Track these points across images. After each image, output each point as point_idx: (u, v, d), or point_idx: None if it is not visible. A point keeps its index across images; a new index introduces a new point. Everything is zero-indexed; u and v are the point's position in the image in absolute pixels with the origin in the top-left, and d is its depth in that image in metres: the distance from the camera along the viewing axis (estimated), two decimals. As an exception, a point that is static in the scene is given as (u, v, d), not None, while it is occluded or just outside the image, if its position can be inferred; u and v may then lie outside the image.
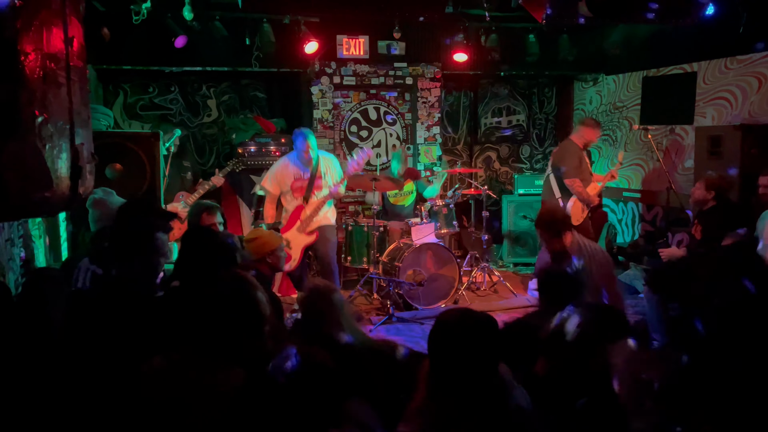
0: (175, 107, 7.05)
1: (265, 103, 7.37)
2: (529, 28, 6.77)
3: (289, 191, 5.44)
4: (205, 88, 7.12)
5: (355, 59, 6.73)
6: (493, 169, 8.29)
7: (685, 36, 5.98)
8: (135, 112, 6.90)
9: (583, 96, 8.14)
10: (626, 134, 7.41)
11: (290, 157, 5.55)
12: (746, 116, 5.80)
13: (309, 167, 5.42)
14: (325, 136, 6.83)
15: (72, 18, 1.76)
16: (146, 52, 6.03)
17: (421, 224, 5.90)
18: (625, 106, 7.42)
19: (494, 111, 8.22)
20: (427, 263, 5.79)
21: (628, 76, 7.35)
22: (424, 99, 7.09)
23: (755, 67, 5.73)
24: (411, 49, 6.86)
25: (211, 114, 7.19)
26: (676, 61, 6.58)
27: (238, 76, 7.08)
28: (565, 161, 5.74)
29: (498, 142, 8.27)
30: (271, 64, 6.48)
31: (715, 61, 6.15)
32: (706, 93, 6.28)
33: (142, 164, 4.50)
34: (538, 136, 8.40)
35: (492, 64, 7.10)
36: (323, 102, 6.77)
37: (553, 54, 7.05)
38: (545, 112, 8.44)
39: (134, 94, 6.90)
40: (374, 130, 7.17)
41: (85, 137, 1.87)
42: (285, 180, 5.45)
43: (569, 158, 5.74)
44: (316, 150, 5.46)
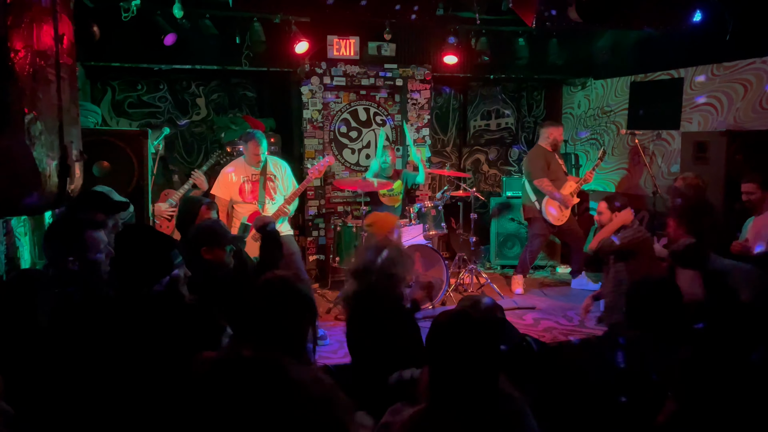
0: (163, 105, 7.00)
1: (254, 102, 7.35)
2: (518, 32, 6.81)
3: (239, 198, 5.16)
4: (194, 86, 7.08)
5: (345, 60, 6.72)
6: (482, 172, 8.33)
7: (673, 42, 6.05)
8: (123, 110, 6.84)
9: (572, 100, 8.20)
10: (613, 138, 7.47)
11: (238, 160, 5.31)
12: (732, 122, 5.88)
13: (258, 169, 5.18)
14: (314, 136, 6.81)
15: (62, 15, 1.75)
16: (135, 49, 5.97)
17: (409, 226, 5.91)
18: (612, 111, 7.48)
19: (483, 114, 8.26)
20: (415, 264, 5.80)
21: (616, 81, 7.41)
22: (413, 100, 7.11)
23: (741, 74, 5.81)
24: (401, 51, 6.87)
25: (200, 112, 7.15)
26: (663, 67, 6.65)
27: (228, 75, 7.05)
28: (531, 164, 6.22)
29: (487, 145, 8.31)
30: (261, 63, 6.45)
31: (701, 68, 6.22)
32: (692, 99, 6.35)
33: (130, 162, 4.47)
34: (526, 139, 8.44)
35: (482, 67, 7.13)
36: (313, 102, 6.76)
37: (543, 58, 7.10)
38: (534, 116, 8.49)
39: (122, 92, 6.84)
40: (364, 130, 7.18)
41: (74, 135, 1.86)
42: (234, 182, 5.17)
43: (534, 161, 6.21)
44: (265, 155, 5.22)
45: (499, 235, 7.46)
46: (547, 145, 6.29)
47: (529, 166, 6.24)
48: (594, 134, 7.79)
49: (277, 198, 5.25)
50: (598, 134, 7.71)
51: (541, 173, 6.08)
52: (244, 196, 5.16)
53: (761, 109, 5.62)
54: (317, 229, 6.91)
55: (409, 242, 5.76)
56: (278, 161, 5.43)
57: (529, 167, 6.22)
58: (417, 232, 5.91)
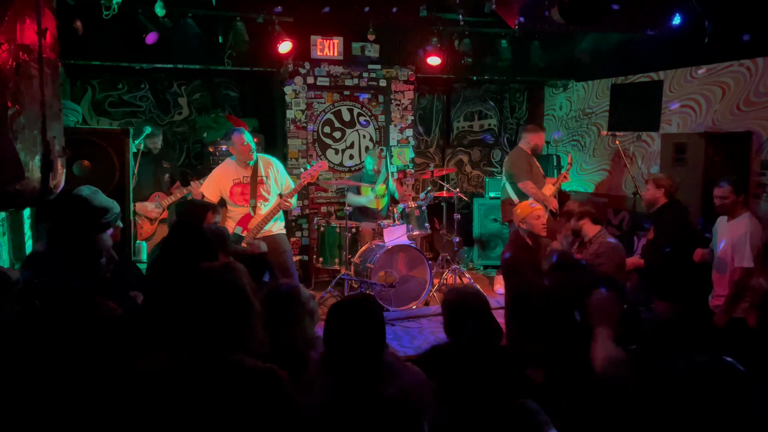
0: (144, 104, 6.94)
1: (237, 102, 7.31)
2: (501, 34, 6.86)
3: (229, 199, 5.00)
4: (176, 85, 7.03)
5: (329, 60, 6.72)
6: (465, 173, 8.37)
7: (652, 45, 6.13)
8: (103, 109, 6.77)
9: (554, 102, 8.28)
10: (594, 140, 7.56)
11: (229, 161, 5.17)
12: (710, 124, 5.98)
13: (249, 169, 5.05)
14: (297, 136, 6.80)
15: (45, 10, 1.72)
16: (116, 47, 5.90)
17: (393, 226, 5.92)
18: (594, 113, 7.56)
19: (466, 115, 8.30)
20: (398, 265, 5.81)
21: (597, 83, 7.50)
22: (397, 101, 7.12)
23: (719, 77, 5.91)
24: (385, 52, 6.89)
25: (182, 112, 7.10)
26: (643, 70, 6.75)
27: (210, 75, 7.01)
28: (515, 167, 6.19)
29: (470, 146, 8.36)
30: (244, 62, 6.42)
31: (680, 70, 6.32)
32: (671, 101, 6.45)
33: (111, 161, 4.41)
34: (509, 140, 8.51)
35: (465, 69, 7.17)
36: (296, 102, 6.74)
37: (525, 60, 7.16)
38: (516, 117, 8.56)
39: (103, 91, 6.76)
40: (347, 131, 7.18)
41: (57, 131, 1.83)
42: (224, 184, 5.02)
43: (518, 163, 6.19)
44: (254, 144, 5.08)
45: (480, 236, 7.51)
46: (527, 148, 6.29)
47: (512, 168, 6.24)
48: (575, 136, 7.87)
49: (271, 198, 5.12)
50: (580, 136, 7.79)
51: (526, 176, 6.09)
52: (236, 198, 5.00)
53: (739, 112, 5.73)
54: (300, 229, 6.89)
55: (393, 242, 5.77)
56: (269, 159, 5.26)
57: (513, 169, 6.22)
58: (401, 232, 5.92)
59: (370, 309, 2.14)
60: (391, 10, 5.97)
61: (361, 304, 2.17)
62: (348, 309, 2.18)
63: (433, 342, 5.07)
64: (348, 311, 2.16)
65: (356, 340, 2.09)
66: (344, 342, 2.11)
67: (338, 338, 2.13)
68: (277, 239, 5.08)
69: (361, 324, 2.11)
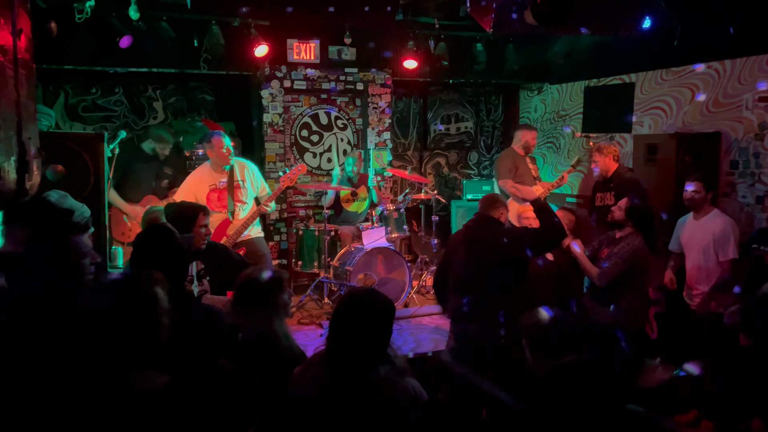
0: (119, 109, 6.86)
1: (213, 106, 7.27)
2: (476, 37, 6.94)
3: (206, 205, 4.77)
4: (150, 89, 6.97)
5: (305, 63, 6.72)
6: (442, 175, 8.43)
7: (624, 48, 6.25)
8: (77, 114, 6.68)
9: (529, 104, 8.38)
10: (569, 142, 7.67)
11: (203, 167, 5.12)
12: (680, 125, 6.11)
13: (225, 174, 5.01)
14: (275, 140, 6.78)
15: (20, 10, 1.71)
16: (89, 51, 5.83)
17: (372, 228, 5.95)
18: (568, 115, 7.68)
19: (443, 118, 8.37)
20: (377, 267, 5.83)
21: (570, 86, 7.62)
22: (374, 105, 7.15)
23: (689, 79, 6.05)
24: (362, 55, 6.91)
25: (157, 116, 7.03)
26: (616, 72, 6.87)
27: (186, 78, 6.96)
28: (499, 165, 6.27)
29: (447, 149, 8.42)
30: (220, 66, 6.39)
31: (651, 73, 6.45)
32: (643, 103, 6.58)
33: (85, 166, 4.35)
34: (485, 142, 8.59)
35: (441, 72, 7.23)
36: (273, 106, 6.73)
37: (500, 63, 7.24)
38: (492, 120, 8.65)
39: (76, 95, 6.68)
40: (325, 134, 7.18)
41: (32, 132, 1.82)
42: (200, 191, 4.96)
43: (502, 162, 6.26)
44: (232, 148, 5.04)
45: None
46: (519, 148, 6.28)
47: (497, 166, 6.35)
48: (550, 138, 7.98)
49: (248, 202, 5.10)
50: (554, 138, 7.90)
51: (507, 175, 6.11)
52: (212, 204, 4.93)
53: (708, 113, 5.87)
54: (279, 233, 6.87)
55: (372, 245, 5.79)
56: (245, 163, 5.24)
57: (497, 167, 6.33)
58: (379, 234, 5.94)
59: (383, 302, 2.19)
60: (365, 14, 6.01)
61: (376, 297, 2.21)
62: (362, 299, 2.20)
63: (413, 344, 5.10)
64: (362, 301, 2.19)
65: (362, 329, 2.10)
66: (350, 330, 2.11)
67: (344, 326, 2.14)
68: (255, 243, 5.06)
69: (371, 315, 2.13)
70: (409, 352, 4.90)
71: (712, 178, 5.49)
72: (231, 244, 4.89)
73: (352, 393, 2.03)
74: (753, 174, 5.49)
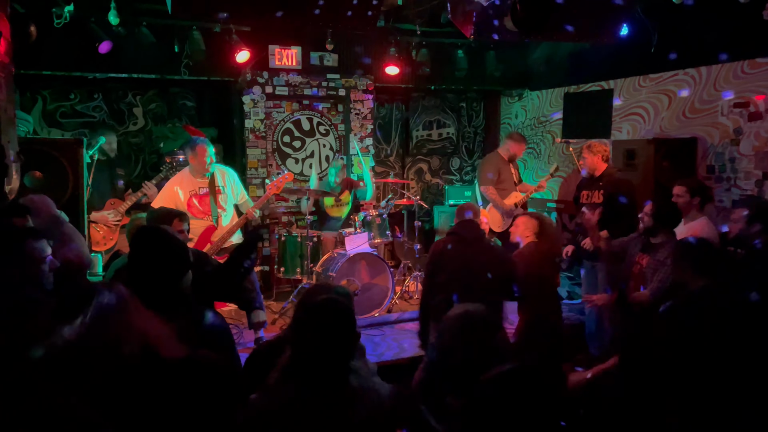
0: (98, 115, 6.78)
1: (194, 112, 7.22)
2: (458, 44, 7.00)
3: (187, 212, 4.66)
4: (130, 95, 6.90)
5: (287, 69, 6.72)
6: (425, 181, 8.46)
7: (602, 55, 6.34)
8: (55, 120, 6.59)
9: (510, 110, 8.46)
10: (549, 147, 7.75)
11: (183, 173, 5.05)
12: (658, 131, 6.21)
13: (205, 180, 4.95)
14: (257, 146, 6.76)
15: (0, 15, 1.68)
16: (68, 57, 5.76)
17: (354, 234, 5.94)
18: (548, 121, 7.76)
19: (425, 124, 8.41)
20: (360, 273, 5.82)
21: (550, 92, 7.70)
22: (356, 110, 7.17)
23: (665, 85, 6.16)
24: (344, 61, 6.92)
25: (137, 122, 6.96)
26: (595, 79, 6.97)
27: (167, 84, 6.90)
28: (482, 171, 6.32)
29: (429, 154, 8.46)
30: (201, 72, 6.36)
31: (629, 79, 6.55)
32: (621, 109, 6.68)
33: (64, 172, 4.31)
34: (467, 148, 8.65)
35: (423, 78, 7.27)
36: (255, 111, 6.71)
37: (481, 69, 7.31)
38: (474, 126, 8.71)
39: (54, 101, 6.59)
40: (307, 140, 7.17)
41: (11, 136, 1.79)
42: (179, 198, 4.89)
43: (486, 168, 6.30)
44: (215, 159, 4.98)
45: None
46: (504, 153, 6.35)
47: (480, 171, 6.39)
48: (531, 143, 8.05)
49: (228, 209, 5.05)
50: (535, 143, 7.98)
51: (489, 182, 6.18)
52: (194, 211, 4.87)
53: (684, 118, 5.97)
54: (261, 239, 6.83)
55: (355, 250, 5.78)
56: (225, 170, 5.20)
57: (480, 173, 6.37)
58: (362, 240, 5.94)
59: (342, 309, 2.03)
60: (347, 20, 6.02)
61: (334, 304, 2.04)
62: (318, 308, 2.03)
63: (397, 349, 5.10)
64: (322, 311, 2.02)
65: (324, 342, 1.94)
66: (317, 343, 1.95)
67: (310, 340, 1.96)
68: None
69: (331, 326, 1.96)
70: (393, 357, 4.90)
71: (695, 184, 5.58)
72: (215, 251, 4.85)
73: (328, 407, 1.91)
74: (729, 178, 5.60)
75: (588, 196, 5.35)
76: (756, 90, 5.35)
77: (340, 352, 1.97)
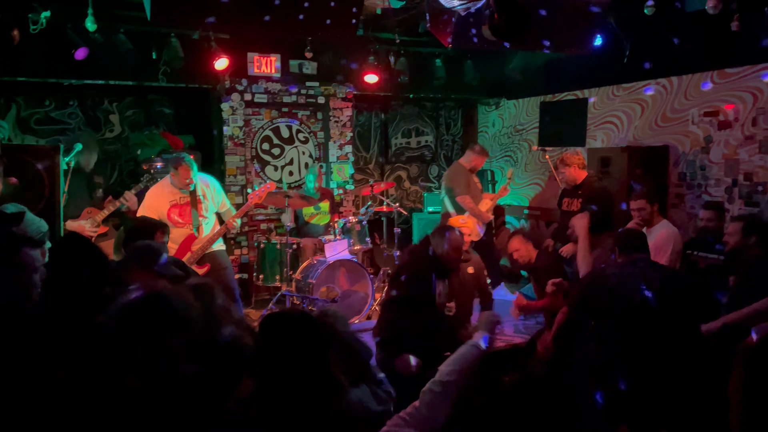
0: (74, 122, 6.70)
1: (172, 119, 7.18)
2: (436, 53, 7.08)
3: (168, 221, 4.71)
4: (107, 102, 6.83)
5: (266, 77, 6.72)
6: (404, 188, 8.51)
7: (577, 65, 6.48)
8: (29, 127, 6.49)
9: (487, 119, 8.56)
10: (526, 155, 7.86)
11: (163, 182, 5.02)
12: (631, 139, 6.35)
13: (185, 192, 4.92)
14: (236, 153, 6.74)
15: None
16: (43, 63, 5.68)
17: (334, 241, 5.95)
18: (524, 129, 7.88)
19: (404, 132, 8.47)
20: (340, 280, 5.83)
21: (527, 101, 7.83)
22: (336, 118, 7.19)
23: (638, 94, 6.30)
24: (323, 69, 6.96)
25: (113, 129, 6.90)
26: (570, 88, 7.10)
27: (144, 91, 6.86)
28: (454, 182, 6.29)
29: (408, 162, 8.52)
30: (179, 79, 6.33)
31: (603, 88, 6.69)
32: (596, 117, 6.81)
33: (40, 179, 4.25)
34: (445, 156, 8.73)
35: (401, 87, 7.33)
36: (234, 119, 6.69)
37: (459, 78, 7.39)
38: (452, 134, 8.79)
39: (28, 108, 6.49)
40: (286, 148, 7.18)
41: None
42: (161, 207, 4.84)
43: (458, 178, 6.30)
44: (197, 178, 4.95)
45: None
46: (467, 164, 6.40)
47: (451, 182, 6.35)
48: (508, 151, 8.16)
49: (209, 217, 5.02)
50: (512, 151, 8.09)
51: (465, 191, 6.20)
52: (174, 220, 4.83)
53: (657, 127, 6.12)
54: (239, 247, 6.81)
55: (335, 257, 5.79)
56: (205, 178, 5.15)
57: (452, 184, 6.33)
58: (342, 247, 5.95)
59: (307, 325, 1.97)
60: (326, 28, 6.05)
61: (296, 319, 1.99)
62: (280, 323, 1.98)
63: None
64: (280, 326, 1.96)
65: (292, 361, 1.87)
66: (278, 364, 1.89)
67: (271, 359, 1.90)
68: (218, 256, 5.00)
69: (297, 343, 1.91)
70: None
71: (660, 189, 5.72)
72: (195, 260, 4.82)
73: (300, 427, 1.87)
74: (700, 185, 5.75)
75: (568, 203, 5.46)
76: (725, 99, 5.51)
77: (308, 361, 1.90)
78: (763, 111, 5.23)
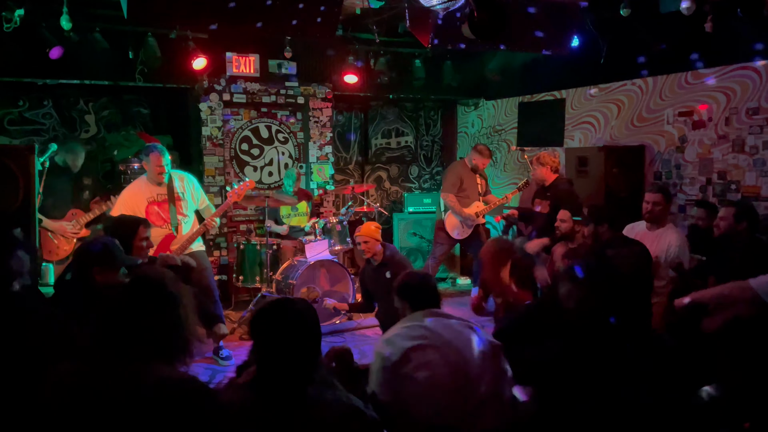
0: (48, 122, 6.59)
1: (149, 119, 7.10)
2: (415, 54, 7.10)
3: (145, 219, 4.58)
4: (82, 102, 6.73)
5: (245, 77, 6.68)
6: (384, 188, 8.52)
7: (555, 65, 6.54)
8: (2, 127, 6.36)
9: (466, 119, 8.61)
10: (505, 155, 7.92)
11: (140, 180, 4.94)
12: (608, 139, 6.43)
13: (163, 187, 4.86)
14: (214, 153, 6.69)
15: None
16: (17, 62, 5.56)
17: (314, 241, 5.93)
18: (503, 129, 7.93)
19: (384, 132, 8.48)
20: (321, 280, 5.82)
21: (505, 101, 7.89)
22: (315, 119, 7.17)
23: (615, 95, 6.39)
24: (302, 69, 6.93)
25: (89, 130, 6.79)
26: (548, 88, 7.17)
27: (120, 91, 6.76)
28: (445, 178, 6.43)
29: (388, 163, 8.53)
30: (157, 79, 6.26)
31: (580, 89, 6.77)
32: (573, 117, 6.89)
33: (14, 179, 4.17)
34: (425, 156, 8.75)
35: (381, 87, 7.33)
36: (212, 119, 6.64)
37: (438, 79, 7.42)
38: (431, 134, 8.82)
39: (1, 108, 6.36)
40: (266, 148, 7.14)
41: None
42: (138, 205, 4.74)
43: (448, 175, 6.41)
44: (169, 167, 4.89)
45: (401, 250, 7.63)
46: (468, 163, 6.42)
47: (443, 177, 6.52)
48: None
49: (189, 215, 4.95)
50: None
51: (450, 188, 6.27)
52: (153, 219, 4.73)
53: (633, 127, 6.21)
54: (219, 248, 6.75)
55: (315, 257, 5.77)
56: (184, 175, 5.07)
57: (443, 180, 6.49)
58: (322, 247, 5.94)
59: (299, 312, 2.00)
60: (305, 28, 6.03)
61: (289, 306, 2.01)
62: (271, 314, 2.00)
63: (358, 355, 5.10)
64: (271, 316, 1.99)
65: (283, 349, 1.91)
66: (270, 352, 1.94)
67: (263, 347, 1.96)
68: (197, 257, 4.92)
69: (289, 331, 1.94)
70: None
71: (638, 189, 5.78)
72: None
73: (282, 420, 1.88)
74: (675, 184, 5.84)
75: (540, 204, 5.54)
76: (699, 100, 5.61)
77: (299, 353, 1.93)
78: (735, 111, 5.34)
